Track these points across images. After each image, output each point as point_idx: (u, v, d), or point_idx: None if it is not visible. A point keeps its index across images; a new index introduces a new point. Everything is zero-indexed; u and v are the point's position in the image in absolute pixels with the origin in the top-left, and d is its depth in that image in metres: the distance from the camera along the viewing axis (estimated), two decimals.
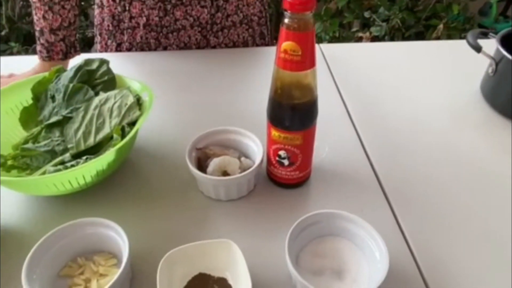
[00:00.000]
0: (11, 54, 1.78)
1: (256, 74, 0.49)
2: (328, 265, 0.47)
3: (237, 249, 0.46)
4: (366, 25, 2.01)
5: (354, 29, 2.04)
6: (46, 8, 0.71)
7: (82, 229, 0.48)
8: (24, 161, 0.56)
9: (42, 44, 0.73)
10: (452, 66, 0.88)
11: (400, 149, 0.67)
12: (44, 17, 0.72)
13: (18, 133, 0.62)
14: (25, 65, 0.79)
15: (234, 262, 0.46)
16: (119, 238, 0.47)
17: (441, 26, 1.73)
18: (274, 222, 0.54)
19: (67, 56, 0.78)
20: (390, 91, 0.81)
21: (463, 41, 0.76)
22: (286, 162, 0.55)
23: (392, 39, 1.87)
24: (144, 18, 0.83)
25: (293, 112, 0.51)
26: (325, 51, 0.93)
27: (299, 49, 0.45)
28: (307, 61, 0.47)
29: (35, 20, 0.74)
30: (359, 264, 0.47)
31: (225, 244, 0.47)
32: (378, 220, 0.53)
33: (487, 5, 2.05)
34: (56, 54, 0.73)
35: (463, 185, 0.60)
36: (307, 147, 0.55)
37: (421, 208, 0.57)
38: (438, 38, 1.77)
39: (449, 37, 1.78)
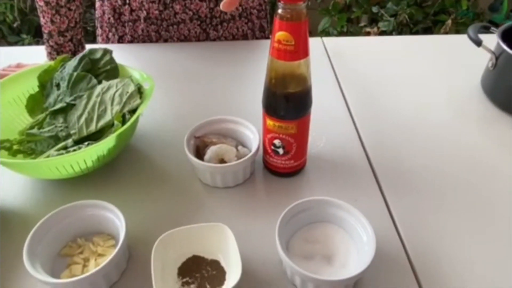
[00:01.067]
0: (23, 45, 1.82)
1: (255, 66, 0.50)
2: (318, 250, 0.49)
3: (229, 232, 0.48)
4: (374, 20, 2.00)
5: (362, 24, 2.04)
6: (53, 12, 0.73)
7: (82, 211, 0.50)
8: (29, 146, 0.59)
9: (51, 46, 0.76)
10: (454, 60, 0.88)
11: (398, 142, 0.67)
12: (52, 21, 0.74)
13: (25, 120, 0.64)
14: (35, 55, 0.81)
15: (226, 245, 0.48)
16: (117, 220, 0.49)
17: (449, 21, 1.71)
18: (268, 208, 0.56)
19: (75, 54, 0.80)
20: (390, 85, 0.81)
21: (465, 36, 0.76)
22: (281, 151, 0.56)
23: (400, 34, 1.87)
24: (145, 12, 0.85)
25: (287, 101, 0.52)
26: (327, 44, 0.94)
27: (292, 39, 0.46)
28: (300, 51, 0.48)
29: (42, 23, 0.76)
30: (348, 249, 0.48)
31: (218, 227, 0.49)
32: (370, 210, 0.54)
33: (498, 1, 2.03)
34: (66, 54, 0.75)
35: (460, 179, 0.61)
36: (301, 136, 0.56)
37: (415, 200, 0.58)
38: (446, 33, 1.76)
39: (458, 32, 1.77)
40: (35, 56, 0.80)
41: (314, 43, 0.95)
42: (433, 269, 0.49)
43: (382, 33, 1.91)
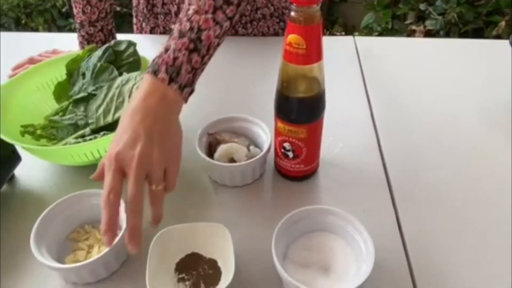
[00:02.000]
0: (70, 30, 1.90)
1: (276, 64, 0.49)
2: (316, 259, 0.48)
3: (228, 234, 0.48)
4: (421, 17, 1.90)
5: (408, 22, 1.95)
6: (85, 2, 0.76)
7: (91, 199, 0.51)
8: (51, 132, 0.61)
9: (82, 36, 0.79)
10: (497, 68, 0.82)
11: (420, 154, 0.64)
12: (83, 11, 0.76)
13: (52, 106, 0.67)
14: (75, 43, 0.84)
15: (224, 246, 0.48)
16: (122, 211, 0.50)
17: (503, 23, 1.59)
18: (273, 212, 0.55)
19: (105, 44, 0.82)
20: (420, 91, 0.77)
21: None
22: (290, 154, 0.55)
23: (447, 34, 1.76)
24: (175, 6, 0.86)
25: (297, 105, 0.51)
26: (359, 43, 0.90)
27: (303, 43, 0.45)
28: (312, 54, 0.46)
29: (75, 13, 0.78)
30: (347, 261, 0.47)
31: (217, 228, 0.49)
32: (379, 222, 0.53)
33: None
34: (96, 45, 0.77)
35: (483, 200, 0.56)
36: (312, 141, 0.55)
37: (429, 218, 0.55)
38: (498, 36, 1.64)
39: None
40: (75, 43, 0.83)
41: (345, 41, 0.92)
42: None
43: (428, 32, 1.82)
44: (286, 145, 0.55)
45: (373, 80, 0.79)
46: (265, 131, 0.60)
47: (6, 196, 0.58)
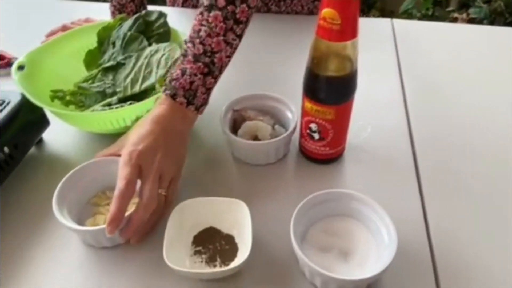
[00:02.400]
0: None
1: (308, 44, 0.47)
2: (336, 244, 0.47)
3: (246, 211, 0.47)
4: (464, 5, 1.81)
5: (450, 9, 1.85)
6: None
7: (111, 166, 0.51)
8: (80, 99, 0.62)
9: (114, 6, 0.78)
10: None
11: (451, 143, 0.61)
12: None
13: (81, 73, 0.68)
14: (108, 12, 0.85)
15: (242, 223, 0.48)
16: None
17: None
18: (294, 194, 0.54)
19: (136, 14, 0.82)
20: (457, 80, 0.73)
21: None
22: (316, 136, 0.54)
23: (491, 24, 1.67)
24: None
25: (327, 84, 0.49)
26: (396, 27, 0.86)
27: (338, 18, 0.43)
28: (347, 31, 0.44)
29: None
30: (368, 248, 0.46)
31: (236, 203, 0.48)
32: (404, 211, 0.51)
33: None
34: (127, 15, 0.77)
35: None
36: (340, 123, 0.53)
37: (456, 209, 0.52)
38: None
39: None
40: (108, 12, 0.83)
41: (382, 24, 0.88)
42: (459, 282, 0.44)
43: (472, 20, 1.72)
44: (313, 126, 0.53)
45: (408, 65, 0.76)
46: (291, 111, 0.59)
47: (34, 158, 0.59)
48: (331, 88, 0.49)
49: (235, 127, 0.59)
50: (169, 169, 0.48)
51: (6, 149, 0.53)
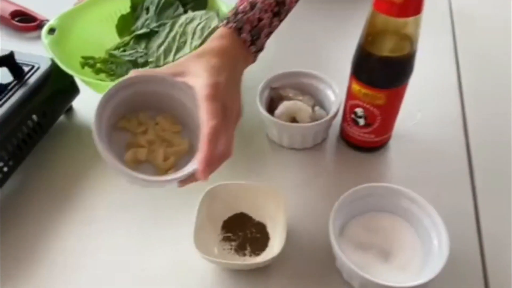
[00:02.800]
0: None
1: (358, 19, 0.42)
2: (376, 242, 0.43)
3: (281, 198, 0.44)
4: None
5: None
6: None
7: (157, 85, 0.39)
8: (111, 67, 0.59)
9: None
10: None
11: (509, 135, 0.55)
12: None
13: (113, 39, 0.64)
14: None
15: (276, 211, 0.44)
16: (189, 102, 0.39)
17: None
18: (333, 182, 0.50)
19: None
20: None
21: None
22: (361, 121, 0.49)
23: None
24: None
25: (381, 65, 0.44)
26: (454, 4, 0.78)
27: None
28: (410, 6, 0.38)
29: None
30: (412, 250, 0.42)
31: (271, 191, 0.45)
32: (454, 210, 0.46)
33: None
34: None
35: None
36: (390, 110, 0.48)
37: None
38: None
39: None
40: None
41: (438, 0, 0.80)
42: None
43: None
44: (359, 110, 0.48)
45: (466, 46, 0.68)
46: (334, 92, 0.54)
47: (63, 127, 0.57)
48: (385, 70, 0.44)
49: (271, 106, 0.55)
50: (239, 112, 0.41)
51: (34, 117, 0.51)
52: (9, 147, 0.48)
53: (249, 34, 0.42)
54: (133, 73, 0.39)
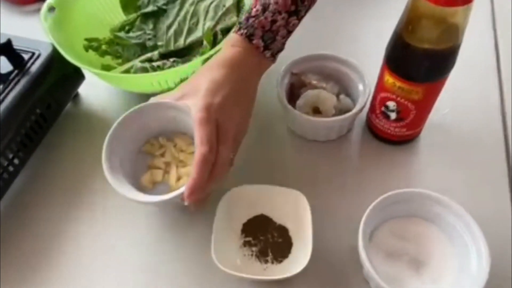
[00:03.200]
0: None
1: (401, 2, 0.37)
2: (407, 250, 0.40)
3: (305, 203, 0.41)
4: None
5: None
6: None
7: (163, 112, 0.42)
8: (117, 49, 0.54)
9: None
10: None
11: None
12: None
13: (118, 16, 0.59)
14: None
15: (299, 215, 0.42)
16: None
17: None
18: (359, 178, 0.47)
19: None
20: None
21: None
22: (393, 115, 0.45)
23: None
24: None
25: (421, 58, 0.39)
26: None
27: None
28: None
29: None
30: (446, 262, 0.39)
31: (294, 194, 0.42)
32: (491, 216, 0.42)
33: None
34: None
35: None
36: (426, 105, 0.43)
37: None
38: None
39: None
40: None
41: None
42: None
43: None
44: (391, 104, 0.44)
45: (505, 23, 0.62)
46: (362, 79, 0.49)
47: (70, 115, 0.54)
48: (425, 64, 0.39)
49: (292, 93, 0.51)
50: (245, 126, 0.41)
51: (37, 110, 0.47)
52: (13, 146, 0.45)
53: (261, 40, 0.41)
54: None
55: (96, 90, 0.56)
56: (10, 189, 0.46)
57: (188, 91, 0.40)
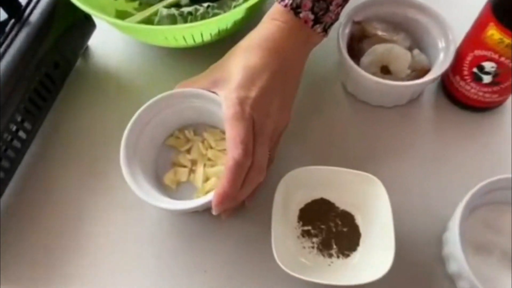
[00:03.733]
0: None
1: None
2: (499, 243, 0.34)
3: (380, 187, 0.34)
4: None
5: None
6: None
7: (190, 100, 0.37)
8: None
9: None
10: None
11: None
12: None
13: None
14: None
15: (369, 201, 0.35)
16: None
17: None
18: (439, 153, 0.39)
19: None
20: None
21: None
22: (487, 79, 0.36)
23: None
24: None
25: None
26: None
27: None
28: None
29: None
30: None
31: (365, 178, 0.35)
32: None
33: None
34: None
35: None
36: None
37: None
38: None
39: None
40: None
41: None
42: None
43: None
44: (488, 65, 0.35)
45: None
46: (444, 33, 0.39)
47: (80, 72, 0.45)
48: None
49: (352, 47, 0.41)
50: (284, 120, 0.35)
51: (43, 70, 0.38)
52: (17, 116, 0.36)
53: (311, 12, 0.33)
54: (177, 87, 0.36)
55: (109, 40, 0.47)
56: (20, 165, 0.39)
57: (220, 77, 0.34)
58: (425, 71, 0.40)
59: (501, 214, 0.35)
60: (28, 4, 0.37)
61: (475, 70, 0.36)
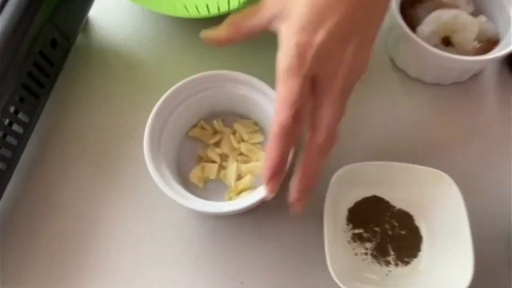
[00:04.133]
0: None
1: None
2: None
3: (452, 186, 0.28)
4: None
5: None
6: None
7: (220, 84, 0.32)
8: None
9: None
10: None
11: None
12: None
13: None
14: None
15: (432, 198, 0.30)
16: (270, 107, 0.31)
17: None
18: (505, 138, 0.34)
19: None
20: None
21: None
22: None
23: None
24: None
25: None
26: None
27: None
28: None
29: None
30: None
31: (433, 175, 0.29)
32: None
33: None
34: None
35: None
36: None
37: None
38: None
39: None
40: None
41: None
42: None
43: None
44: None
45: None
46: None
47: (82, 50, 0.38)
48: None
49: (403, 13, 0.35)
50: (360, 72, 0.25)
51: (38, 49, 0.31)
52: (9, 107, 0.30)
53: None
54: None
55: (111, 12, 0.40)
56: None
57: (278, 11, 0.25)
58: (492, 43, 0.33)
59: None
60: None
61: None
